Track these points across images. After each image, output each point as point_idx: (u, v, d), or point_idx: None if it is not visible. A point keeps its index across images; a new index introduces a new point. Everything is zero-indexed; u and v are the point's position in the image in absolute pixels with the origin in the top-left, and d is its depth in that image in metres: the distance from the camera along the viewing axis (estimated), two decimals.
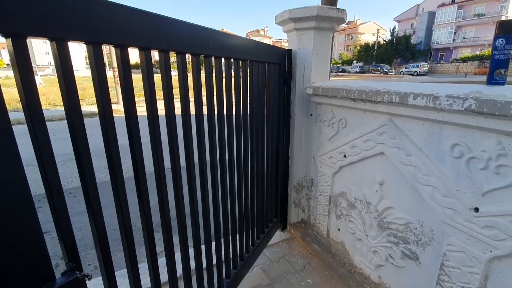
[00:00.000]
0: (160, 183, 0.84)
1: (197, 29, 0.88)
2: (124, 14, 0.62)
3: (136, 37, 0.66)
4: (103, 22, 0.57)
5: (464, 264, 1.00)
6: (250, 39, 1.28)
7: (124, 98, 0.69)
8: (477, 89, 0.87)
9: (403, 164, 1.18)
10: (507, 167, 0.84)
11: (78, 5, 0.51)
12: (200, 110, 0.97)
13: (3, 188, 0.44)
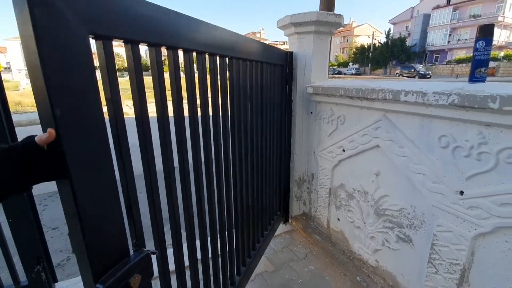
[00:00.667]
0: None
1: (223, 32, 0.99)
2: (185, 22, 0.75)
3: (186, 39, 0.78)
4: (165, 27, 0.68)
5: (452, 243, 1.12)
6: (263, 43, 1.39)
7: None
8: (460, 86, 0.99)
9: (396, 155, 1.29)
10: (487, 154, 0.96)
11: (148, 12, 0.62)
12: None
13: (101, 177, 0.54)
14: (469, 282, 1.09)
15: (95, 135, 0.52)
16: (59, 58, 0.44)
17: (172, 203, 0.84)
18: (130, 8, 0.57)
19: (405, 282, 1.39)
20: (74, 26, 0.46)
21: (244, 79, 1.30)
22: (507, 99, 0.82)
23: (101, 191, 0.54)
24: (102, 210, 0.55)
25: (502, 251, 0.97)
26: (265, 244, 1.81)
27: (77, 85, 0.47)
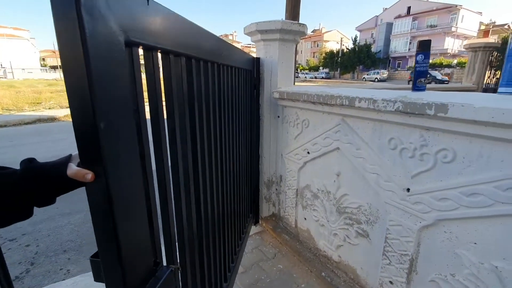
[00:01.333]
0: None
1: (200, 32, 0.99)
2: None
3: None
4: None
5: (401, 235, 1.23)
6: (235, 47, 1.41)
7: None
8: (404, 94, 1.11)
9: (354, 156, 1.40)
10: (427, 155, 1.08)
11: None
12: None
13: (138, 191, 0.53)
14: (417, 271, 1.21)
15: (134, 147, 0.51)
16: (104, 67, 0.41)
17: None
18: (158, 18, 0.59)
19: (364, 274, 1.49)
20: (116, 33, 0.44)
21: (216, 82, 1.28)
22: (440, 106, 0.94)
23: (136, 206, 0.53)
24: (136, 226, 0.54)
25: (442, 241, 1.09)
26: (242, 251, 1.82)
27: (119, 96, 0.46)
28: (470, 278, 1.01)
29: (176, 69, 0.74)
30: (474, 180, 0.94)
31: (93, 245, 0.82)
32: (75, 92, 0.40)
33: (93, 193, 0.45)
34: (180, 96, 0.78)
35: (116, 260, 0.48)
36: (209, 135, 1.08)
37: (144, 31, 0.53)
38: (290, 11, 3.05)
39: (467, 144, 0.95)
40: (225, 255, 1.39)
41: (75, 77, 0.39)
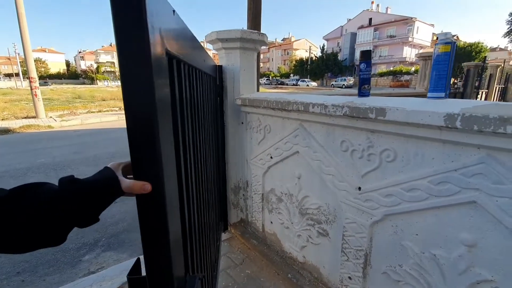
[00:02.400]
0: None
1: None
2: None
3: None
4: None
5: (356, 232, 1.31)
6: (205, 51, 1.39)
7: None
8: (351, 99, 1.19)
9: (312, 159, 1.46)
10: (374, 155, 1.17)
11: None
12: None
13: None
14: (371, 264, 1.29)
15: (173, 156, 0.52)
16: (160, 79, 0.42)
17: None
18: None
19: (326, 272, 1.55)
20: (162, 45, 0.44)
21: (195, 86, 1.24)
22: (380, 110, 1.03)
23: (176, 214, 0.53)
24: (178, 235, 0.54)
25: (390, 235, 1.17)
26: (220, 257, 1.78)
27: (167, 107, 0.47)
28: (414, 267, 1.10)
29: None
30: (412, 176, 1.04)
31: (50, 264, 0.77)
32: (135, 106, 0.40)
33: (147, 204, 0.44)
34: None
35: (168, 272, 0.48)
36: (184, 141, 1.08)
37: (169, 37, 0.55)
38: (251, 21, 3.15)
39: (405, 144, 1.04)
40: (207, 265, 1.38)
41: (137, 89, 0.39)
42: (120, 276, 1.76)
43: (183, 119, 0.70)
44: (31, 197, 0.40)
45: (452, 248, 0.97)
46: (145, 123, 0.40)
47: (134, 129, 0.40)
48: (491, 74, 11.39)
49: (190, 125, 0.83)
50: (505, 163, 0.81)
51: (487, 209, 0.86)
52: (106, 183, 0.45)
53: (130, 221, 2.93)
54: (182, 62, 0.68)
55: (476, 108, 0.82)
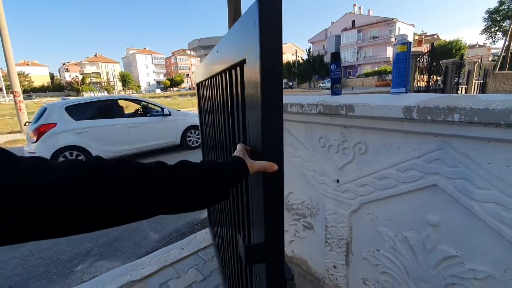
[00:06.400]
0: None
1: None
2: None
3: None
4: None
5: (337, 222, 1.39)
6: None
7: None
8: (324, 98, 1.28)
9: (293, 156, 1.55)
10: (348, 149, 1.26)
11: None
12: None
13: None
14: (352, 252, 1.37)
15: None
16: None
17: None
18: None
19: (313, 264, 1.63)
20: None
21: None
22: (349, 107, 1.12)
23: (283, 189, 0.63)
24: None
25: (367, 222, 1.26)
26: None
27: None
28: (390, 250, 1.19)
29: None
30: (382, 166, 1.13)
31: (41, 276, 0.80)
32: (271, 105, 0.54)
33: (273, 179, 0.57)
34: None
35: (281, 241, 0.60)
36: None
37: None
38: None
39: (374, 136, 1.14)
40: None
41: (272, 91, 0.53)
42: (114, 281, 1.79)
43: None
44: (190, 169, 0.52)
45: (420, 229, 1.06)
46: (277, 120, 0.55)
47: (269, 124, 0.54)
48: (469, 70, 11.88)
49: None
50: (457, 148, 0.90)
51: (446, 190, 0.95)
52: (240, 165, 0.57)
53: (123, 230, 2.94)
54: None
55: (430, 100, 0.91)
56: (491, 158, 0.83)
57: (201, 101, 1.81)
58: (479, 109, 0.77)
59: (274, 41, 0.50)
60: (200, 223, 3.06)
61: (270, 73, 0.51)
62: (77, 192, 0.39)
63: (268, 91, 0.52)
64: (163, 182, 0.47)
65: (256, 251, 0.61)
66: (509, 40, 21.58)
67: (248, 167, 0.57)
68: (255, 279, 0.72)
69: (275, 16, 0.48)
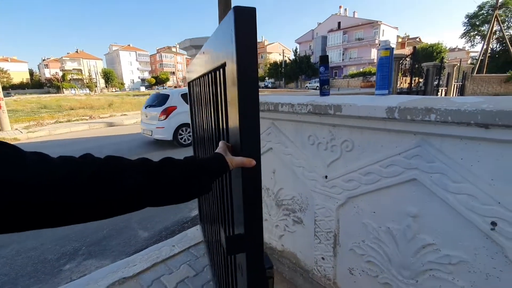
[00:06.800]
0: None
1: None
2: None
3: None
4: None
5: (325, 216, 1.47)
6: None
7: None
8: (313, 98, 1.36)
9: (284, 154, 1.61)
10: (336, 146, 1.34)
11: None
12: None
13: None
14: (340, 244, 1.45)
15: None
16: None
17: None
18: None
19: (302, 257, 1.70)
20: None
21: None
22: (337, 106, 1.19)
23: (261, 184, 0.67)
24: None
25: (353, 215, 1.34)
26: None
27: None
28: (374, 241, 1.27)
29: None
30: (367, 162, 1.21)
31: (30, 275, 0.80)
32: (246, 105, 0.57)
33: (251, 174, 0.61)
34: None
35: (259, 232, 0.65)
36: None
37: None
38: None
39: (360, 135, 1.22)
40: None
41: (248, 92, 0.57)
42: (105, 278, 1.80)
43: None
44: (173, 165, 0.56)
45: (401, 220, 1.15)
46: (253, 119, 0.59)
47: (245, 122, 0.59)
48: (449, 73, 12.39)
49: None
50: (434, 145, 0.99)
51: (425, 184, 1.04)
52: (220, 161, 0.62)
53: (111, 228, 2.92)
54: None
55: (410, 102, 1.00)
56: (463, 154, 0.92)
57: (192, 100, 1.84)
58: (452, 110, 0.86)
59: (249, 46, 0.54)
60: (190, 221, 3.08)
61: (246, 76, 0.55)
62: (77, 188, 0.42)
63: (245, 92, 0.56)
64: (149, 178, 0.51)
65: (236, 241, 0.65)
66: (487, 44, 22.65)
67: (228, 163, 0.61)
68: (238, 269, 0.76)
69: (249, 23, 0.53)
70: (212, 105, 0.99)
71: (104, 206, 0.46)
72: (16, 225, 0.38)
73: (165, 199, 0.54)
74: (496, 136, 0.82)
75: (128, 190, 0.48)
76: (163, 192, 0.53)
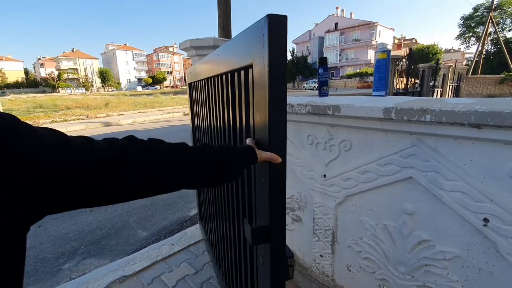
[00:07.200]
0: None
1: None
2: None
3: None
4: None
5: (324, 214, 1.50)
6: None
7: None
8: (312, 99, 1.39)
9: None
10: (334, 146, 1.37)
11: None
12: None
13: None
14: (338, 241, 1.48)
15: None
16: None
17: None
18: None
19: (301, 255, 1.73)
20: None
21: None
22: (335, 107, 1.22)
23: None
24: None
25: (351, 213, 1.38)
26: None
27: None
28: (371, 238, 1.31)
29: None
30: (364, 161, 1.24)
31: (29, 274, 0.82)
32: (276, 104, 0.61)
33: (275, 172, 0.65)
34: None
35: (283, 223, 0.69)
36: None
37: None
38: (222, 29, 3.31)
39: (357, 134, 1.25)
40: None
41: (278, 92, 0.61)
42: (106, 277, 1.81)
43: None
44: (211, 150, 0.61)
45: (398, 218, 1.19)
46: (281, 117, 0.63)
47: (274, 121, 0.62)
48: (444, 74, 12.52)
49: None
50: (429, 144, 1.03)
51: (420, 182, 1.08)
52: (251, 151, 0.66)
53: (109, 228, 2.93)
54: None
55: (406, 103, 1.03)
56: (457, 153, 0.96)
57: (194, 98, 1.86)
58: (446, 111, 0.90)
59: (281, 50, 0.58)
60: (189, 220, 3.10)
61: (277, 77, 0.59)
62: (132, 165, 0.47)
63: (275, 93, 0.60)
64: (190, 163, 0.56)
65: (261, 233, 0.69)
66: (482, 45, 22.93)
67: (257, 154, 0.65)
68: (257, 259, 0.80)
69: (281, 30, 0.57)
70: (230, 104, 1.01)
71: (150, 185, 0.50)
72: (66, 204, 0.41)
73: (201, 182, 0.60)
74: (488, 135, 0.86)
75: (173, 173, 0.54)
76: (201, 175, 0.59)
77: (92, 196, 0.43)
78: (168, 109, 15.22)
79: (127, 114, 13.12)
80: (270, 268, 0.68)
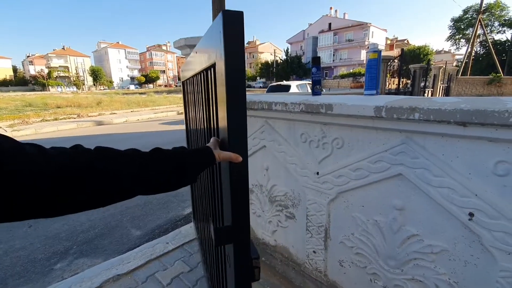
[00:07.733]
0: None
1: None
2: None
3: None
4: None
5: (317, 211, 1.53)
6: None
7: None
8: (306, 98, 1.41)
9: (277, 151, 1.67)
10: (327, 144, 1.40)
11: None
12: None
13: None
14: (330, 237, 1.51)
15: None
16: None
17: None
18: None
19: (295, 251, 1.76)
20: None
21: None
22: (328, 106, 1.25)
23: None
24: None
25: (343, 209, 1.41)
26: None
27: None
28: (363, 233, 1.34)
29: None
30: (356, 158, 1.27)
31: (20, 275, 0.81)
32: (234, 104, 0.60)
33: (236, 172, 0.64)
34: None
35: (246, 224, 0.67)
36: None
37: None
38: None
39: (349, 132, 1.28)
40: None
41: (235, 91, 0.60)
42: (100, 275, 1.81)
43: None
44: (163, 156, 0.58)
45: (388, 213, 1.22)
46: (240, 117, 0.62)
47: (233, 120, 0.61)
48: (435, 75, 12.74)
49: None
50: (418, 142, 1.06)
51: (409, 178, 1.11)
52: (206, 152, 0.65)
53: (102, 227, 2.91)
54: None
55: (396, 102, 1.07)
56: (444, 150, 0.99)
57: (186, 97, 1.87)
58: (434, 109, 0.93)
59: (237, 48, 0.57)
60: (183, 219, 3.10)
61: (234, 76, 0.59)
62: (73, 179, 0.45)
63: (233, 91, 0.59)
64: (140, 169, 0.54)
65: (225, 233, 0.68)
66: (471, 47, 23.39)
67: (215, 155, 0.64)
68: (226, 261, 0.80)
69: (236, 26, 0.56)
70: (204, 103, 1.02)
71: (98, 195, 0.49)
72: (15, 214, 0.41)
73: (155, 188, 0.57)
74: (472, 133, 0.89)
75: (122, 180, 0.51)
76: (153, 182, 0.56)
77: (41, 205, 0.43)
78: (162, 108, 15.10)
79: (120, 113, 12.97)
80: (234, 269, 0.68)
